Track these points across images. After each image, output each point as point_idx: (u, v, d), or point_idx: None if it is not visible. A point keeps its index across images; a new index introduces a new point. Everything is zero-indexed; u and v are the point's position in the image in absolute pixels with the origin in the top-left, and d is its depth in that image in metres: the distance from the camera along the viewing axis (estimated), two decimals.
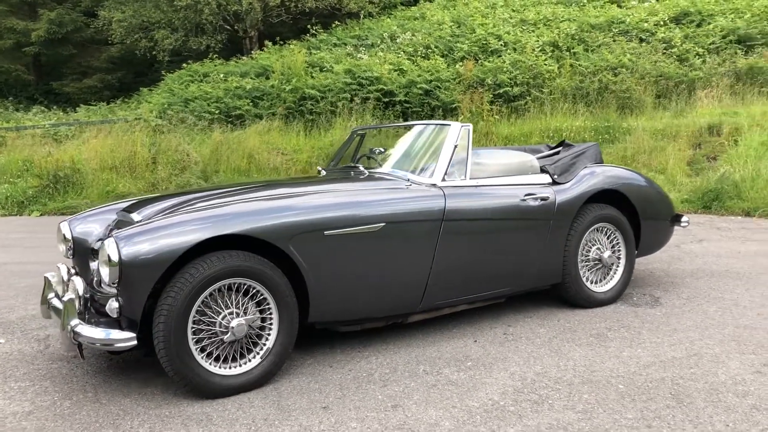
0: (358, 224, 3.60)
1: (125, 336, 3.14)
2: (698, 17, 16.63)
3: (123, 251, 3.09)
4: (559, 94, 13.98)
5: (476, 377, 3.46)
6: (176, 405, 3.24)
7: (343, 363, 3.74)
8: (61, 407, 3.26)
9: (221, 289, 3.29)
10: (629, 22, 16.56)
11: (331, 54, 16.72)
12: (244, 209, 3.42)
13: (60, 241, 4.15)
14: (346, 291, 3.64)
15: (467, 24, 17.41)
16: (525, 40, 15.82)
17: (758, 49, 14.64)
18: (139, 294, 3.14)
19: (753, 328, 4.07)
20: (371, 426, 2.94)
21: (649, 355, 3.67)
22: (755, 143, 10.02)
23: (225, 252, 3.29)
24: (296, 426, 2.97)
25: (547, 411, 3.02)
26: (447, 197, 3.91)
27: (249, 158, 11.50)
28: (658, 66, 14.33)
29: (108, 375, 3.68)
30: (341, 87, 14.53)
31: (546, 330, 4.18)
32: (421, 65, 15.21)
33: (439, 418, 2.99)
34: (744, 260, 5.95)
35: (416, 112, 14.20)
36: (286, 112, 14.33)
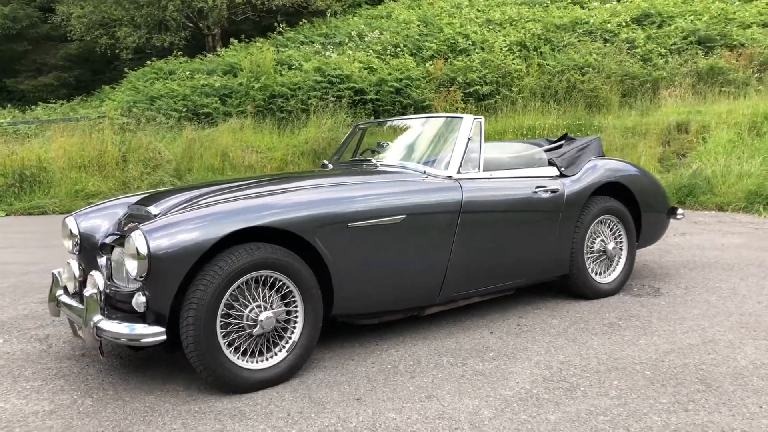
0: (380, 216, 3.58)
1: (154, 331, 3.06)
2: (659, 19, 17.04)
3: (152, 244, 3.01)
4: (528, 92, 14.17)
5: (502, 367, 3.48)
6: (204, 401, 3.18)
7: (364, 356, 3.72)
8: (84, 405, 3.17)
9: (248, 282, 3.24)
10: (593, 22, 16.88)
11: (299, 52, 16.62)
12: (271, 201, 3.38)
13: (65, 236, 4.03)
14: (369, 283, 3.63)
15: (434, 23, 17.50)
16: (492, 40, 15.99)
17: (717, 50, 15.08)
18: (168, 287, 3.07)
19: (757, 315, 4.18)
20: (410, 416, 2.93)
21: (666, 343, 3.74)
22: (723, 141, 10.30)
23: (252, 244, 3.23)
24: (334, 418, 2.94)
25: (581, 398, 3.06)
26: (463, 189, 3.92)
27: (222, 156, 11.34)
28: (623, 66, 14.65)
29: (124, 372, 3.59)
30: (311, 85, 14.46)
31: (558, 321, 4.23)
32: (390, 64, 15.24)
33: (476, 407, 2.99)
34: (729, 252, 6.12)
35: (388, 110, 14.22)
36: (256, 110, 14.19)
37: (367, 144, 4.89)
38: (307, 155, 11.70)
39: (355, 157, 4.95)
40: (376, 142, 4.71)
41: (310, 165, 11.50)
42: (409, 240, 3.72)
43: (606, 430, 2.72)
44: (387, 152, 4.48)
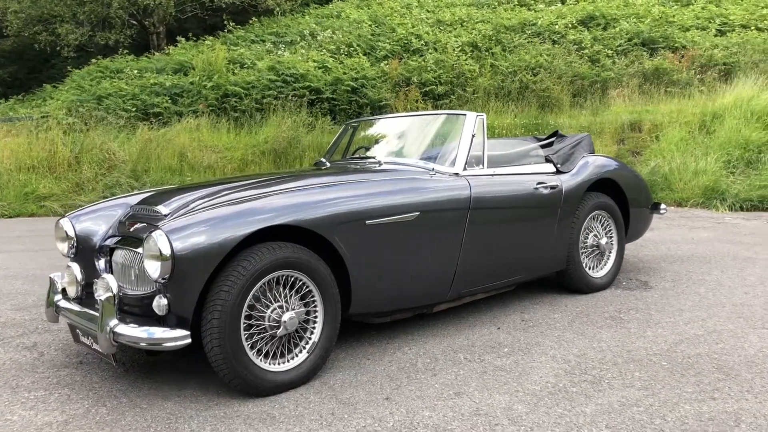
0: (395, 213, 3.55)
1: (177, 334, 2.95)
2: (603, 21, 17.52)
3: (175, 244, 2.90)
4: (483, 93, 14.34)
5: (521, 362, 3.49)
6: (227, 405, 3.08)
7: (378, 355, 3.68)
8: (99, 414, 3.03)
9: (270, 282, 3.16)
10: (540, 24, 17.22)
11: (250, 51, 16.39)
12: (291, 199, 3.30)
13: (60, 239, 3.86)
14: (385, 281, 3.59)
15: (386, 24, 17.53)
16: (445, 41, 16.12)
17: (661, 52, 15.59)
18: (192, 289, 2.96)
19: (749, 306, 4.33)
20: (445, 414, 2.91)
21: (672, 334, 3.83)
22: (675, 139, 10.66)
23: (274, 243, 3.16)
24: (368, 418, 2.89)
25: (609, 390, 3.10)
26: (471, 186, 3.93)
27: (180, 157, 11.06)
28: (572, 66, 14.98)
29: (132, 379, 3.45)
30: (266, 84, 14.27)
31: (560, 315, 4.28)
32: (345, 63, 15.17)
33: (509, 403, 2.99)
34: (702, 245, 6.33)
35: (344, 109, 14.15)
36: (208, 109, 13.91)
37: (359, 142, 4.84)
38: (267, 155, 11.53)
39: (346, 156, 4.90)
40: (374, 140, 4.67)
41: (271, 165, 11.35)
42: (422, 237, 3.70)
43: (644, 421, 2.76)
44: (388, 150, 4.44)
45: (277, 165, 11.40)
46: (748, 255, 5.87)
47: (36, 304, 5.06)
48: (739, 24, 17.43)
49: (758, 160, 9.51)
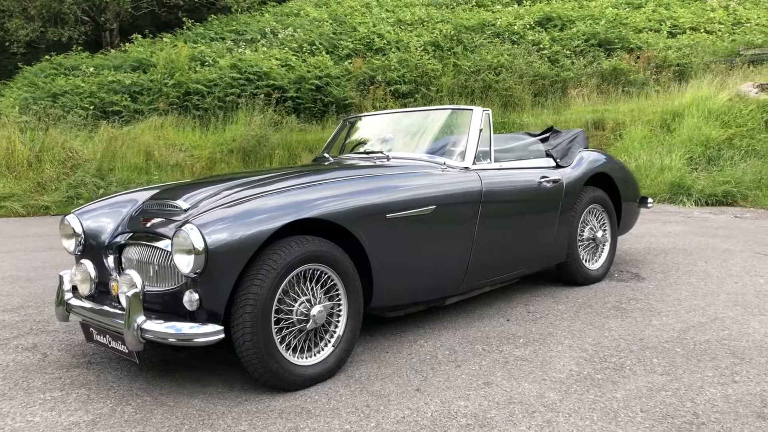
0: (414, 207, 3.57)
1: (210, 330, 2.90)
2: (560, 22, 17.89)
3: (208, 238, 2.86)
4: (447, 92, 14.47)
5: (539, 352, 3.56)
6: (257, 401, 3.05)
7: (396, 348, 3.69)
8: (126, 413, 2.96)
9: (297, 275, 3.14)
10: (499, 25, 17.46)
11: (210, 48, 16.16)
12: (317, 193, 3.29)
13: (66, 236, 3.75)
14: (404, 274, 3.61)
15: (347, 22, 17.52)
16: (407, 40, 16.20)
17: (618, 53, 15.99)
18: (225, 283, 2.93)
19: (742, 294, 4.50)
20: (481, 403, 2.94)
21: (677, 322, 3.95)
22: (638, 137, 10.97)
23: (302, 237, 3.14)
24: (405, 410, 2.90)
25: (632, 376, 3.18)
26: (482, 180, 3.98)
27: (146, 155, 10.83)
28: (532, 66, 15.24)
29: (149, 377, 3.38)
30: (228, 82, 14.12)
31: (564, 307, 4.37)
32: (308, 61, 15.11)
33: (540, 391, 3.05)
34: (680, 238, 6.53)
35: (309, 108, 14.09)
36: (169, 107, 13.68)
37: (360, 138, 4.84)
38: (236, 153, 11.39)
39: (343, 151, 4.89)
40: (377, 135, 4.67)
41: (240, 164, 11.21)
42: (438, 230, 3.73)
43: (675, 404, 2.85)
44: (393, 145, 4.44)
45: (246, 164, 11.27)
46: (725, 247, 6.09)
47: (22, 305, 4.90)
48: (689, 27, 18.05)
49: (719, 157, 9.85)
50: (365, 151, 4.43)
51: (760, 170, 9.06)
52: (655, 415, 2.76)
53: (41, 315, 4.64)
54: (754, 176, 9.00)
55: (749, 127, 10.34)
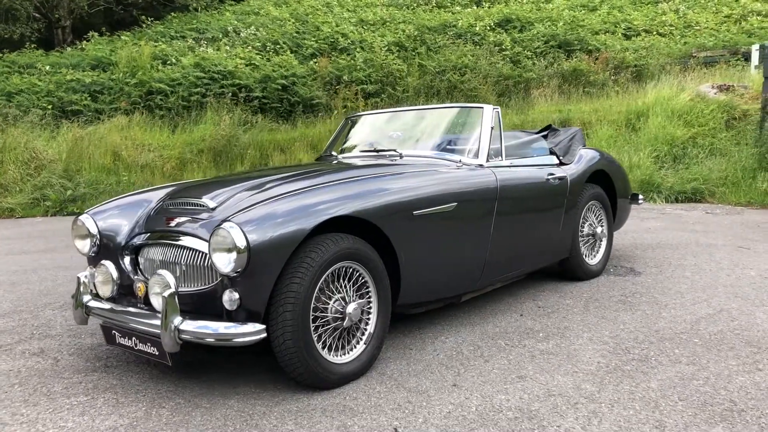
0: (437, 204, 3.59)
1: (252, 329, 2.86)
2: (519, 24, 18.18)
3: (250, 236, 2.82)
4: (413, 92, 14.55)
5: (562, 345, 3.62)
6: (295, 400, 3.02)
7: (418, 345, 3.71)
8: (163, 416, 2.90)
9: (332, 273, 3.13)
10: (461, 26, 17.66)
11: (171, 47, 15.87)
12: (348, 191, 3.28)
13: (79, 237, 3.65)
14: (429, 271, 3.63)
15: (310, 21, 17.44)
16: (371, 40, 16.22)
17: (577, 54, 16.34)
18: (266, 282, 2.90)
19: (738, 287, 4.66)
20: (521, 396, 2.98)
21: (686, 314, 4.07)
22: (605, 136, 11.23)
23: (336, 235, 3.13)
24: (448, 405, 2.92)
25: (660, 366, 3.27)
26: (497, 176, 4.02)
27: (114, 155, 10.58)
28: (496, 67, 15.45)
29: (174, 380, 3.31)
30: (192, 81, 13.89)
31: (572, 301, 4.45)
32: (273, 61, 14.99)
33: (576, 383, 3.10)
34: (661, 234, 6.72)
35: (275, 107, 13.98)
36: (132, 107, 13.39)
37: (366, 136, 4.83)
38: (206, 153, 11.22)
39: (343, 151, 4.86)
40: (383, 134, 4.67)
41: (211, 164, 11.05)
42: (458, 227, 3.76)
43: (710, 393, 2.94)
44: (402, 143, 4.45)
45: (217, 164, 11.12)
46: (707, 242, 6.29)
47: (15, 310, 4.75)
48: (643, 29, 18.58)
49: (684, 155, 10.16)
50: (375, 150, 4.42)
51: (725, 168, 9.38)
52: (694, 403, 2.84)
53: (38, 319, 4.50)
54: (720, 174, 9.32)
55: (711, 127, 10.70)
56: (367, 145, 4.61)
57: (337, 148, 4.90)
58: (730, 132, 10.61)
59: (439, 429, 2.70)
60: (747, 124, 10.55)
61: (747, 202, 8.67)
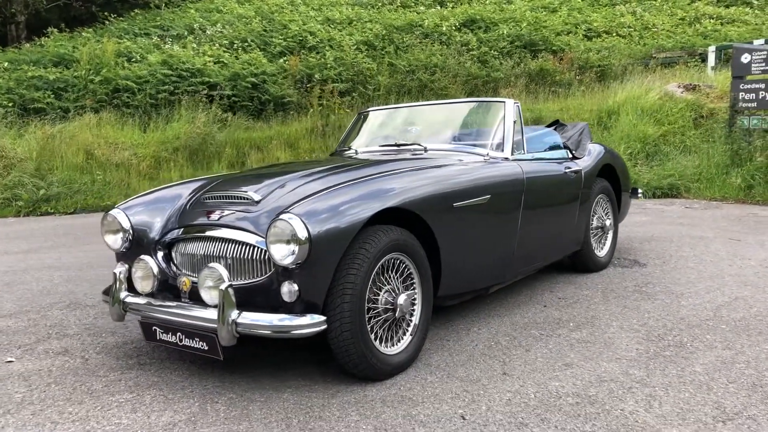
0: (474, 196, 3.62)
1: (312, 321, 2.84)
2: (484, 24, 18.38)
3: (311, 227, 2.81)
4: (384, 90, 14.58)
5: (596, 334, 3.69)
6: (350, 392, 3.01)
7: (454, 337, 3.74)
8: (221, 411, 2.85)
9: (382, 265, 3.13)
10: (427, 25, 17.75)
11: (136, 44, 15.54)
12: (396, 183, 3.28)
13: (111, 232, 3.55)
14: (467, 263, 3.66)
15: (276, 20, 17.30)
16: (339, 39, 16.19)
17: (542, 54, 16.62)
18: (325, 273, 2.89)
19: (743, 276, 4.83)
20: (575, 383, 3.03)
21: (705, 302, 4.20)
22: None
23: (386, 227, 3.14)
24: (506, 393, 2.95)
25: (698, 351, 3.37)
26: (523, 170, 4.08)
27: (86, 154, 10.31)
28: (464, 66, 15.59)
29: (219, 374, 3.26)
30: (160, 79, 13.63)
31: (589, 292, 4.55)
32: (241, 58, 14.82)
33: (623, 369, 3.17)
34: (650, 228, 6.90)
35: (246, 105, 13.82)
36: (98, 104, 13.06)
37: (379, 131, 4.84)
38: (182, 152, 11.02)
39: (352, 147, 4.81)
40: (402, 128, 4.68)
41: (186, 162, 10.87)
42: (491, 219, 3.81)
43: (755, 375, 3.05)
44: (424, 137, 4.47)
45: (193, 162, 10.95)
46: (698, 234, 6.49)
47: (20, 311, 4.60)
48: (603, 30, 19.02)
49: (657, 152, 10.44)
50: (396, 144, 4.42)
51: (699, 164, 9.68)
52: (744, 384, 2.94)
53: (48, 319, 4.37)
54: (694, 170, 9.61)
55: (680, 125, 11.02)
56: (386, 140, 4.61)
57: (350, 143, 4.87)
58: (698, 130, 10.95)
59: (505, 415, 2.73)
60: (714, 122, 10.90)
61: (722, 197, 8.96)
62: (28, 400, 3.06)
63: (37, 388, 3.21)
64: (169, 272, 3.33)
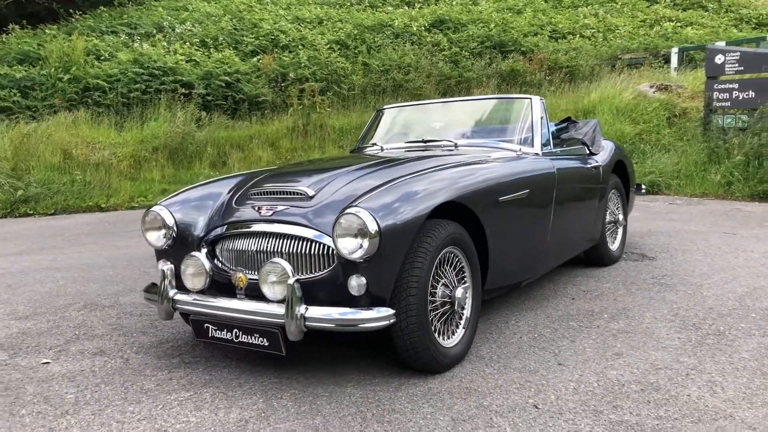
0: (515, 191, 3.67)
1: (381, 314, 2.84)
2: (453, 24, 18.53)
3: (381, 221, 2.81)
4: (359, 90, 14.58)
5: (633, 324, 3.78)
6: (413, 385, 3.01)
7: (496, 330, 3.78)
8: (288, 406, 2.83)
9: (440, 258, 3.16)
10: (397, 25, 17.82)
11: (104, 42, 15.20)
12: (447, 178, 3.30)
13: (153, 228, 3.49)
14: (509, 257, 3.70)
15: (246, 18, 17.14)
16: (312, 38, 16.13)
17: (512, 55, 16.85)
18: (393, 266, 2.89)
19: (753, 267, 5.00)
20: (632, 371, 3.10)
21: (727, 292, 4.33)
22: None
23: (443, 221, 3.16)
24: (569, 382, 3.00)
25: (738, 339, 3.47)
26: (554, 165, 4.15)
27: (64, 154, 10.04)
28: (437, 66, 15.71)
29: (271, 371, 3.24)
30: (132, 77, 13.37)
31: (611, 285, 4.64)
32: (213, 57, 14.64)
33: (673, 356, 3.25)
34: (645, 223, 7.08)
35: (219, 104, 13.65)
36: (67, 103, 12.75)
37: (401, 128, 4.85)
38: (162, 151, 10.83)
39: (421, 139, 4.69)
40: (426, 125, 4.70)
41: (167, 162, 10.68)
42: (529, 213, 3.86)
43: None
44: (451, 133, 4.50)
45: (174, 162, 10.76)
46: (693, 229, 6.68)
47: (35, 312, 4.49)
48: (567, 32, 19.38)
49: (634, 150, 10.68)
50: (423, 140, 4.43)
51: (678, 162, 9.95)
52: None
53: (68, 320, 4.27)
54: (674, 167, 9.87)
55: (655, 123, 11.32)
56: (410, 137, 4.62)
57: (370, 140, 4.86)
58: (672, 128, 11.25)
59: (577, 404, 2.78)
60: (687, 121, 11.22)
61: (702, 193, 9.23)
62: (83, 401, 2.99)
63: (86, 388, 3.14)
64: (219, 269, 3.28)
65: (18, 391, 3.13)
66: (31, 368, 3.44)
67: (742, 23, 21.54)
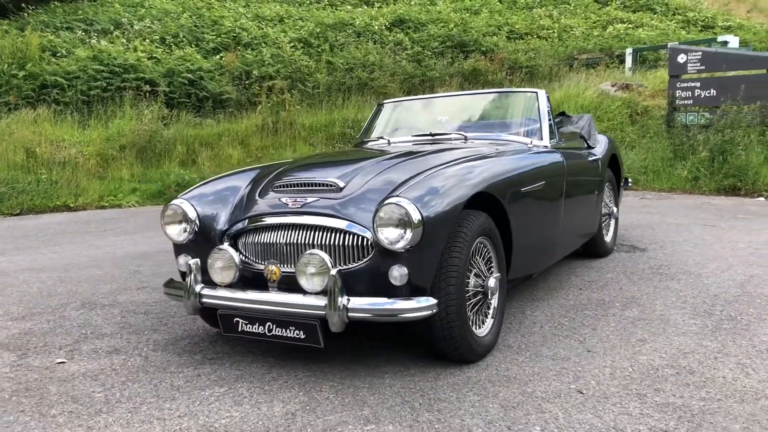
0: (534, 182, 3.71)
1: (422, 304, 2.83)
2: (413, 24, 18.62)
3: (423, 211, 2.81)
4: (324, 88, 14.51)
5: (647, 312, 3.87)
6: (450, 374, 3.02)
7: (514, 320, 3.81)
8: (331, 399, 2.80)
9: (473, 248, 3.17)
10: (358, 24, 17.81)
11: (59, 38, 14.75)
12: (475, 169, 3.32)
13: (174, 222, 3.40)
14: (529, 248, 3.73)
15: (206, 15, 16.87)
16: (274, 36, 15.98)
17: (473, 55, 17.03)
18: (434, 255, 2.89)
19: (743, 256, 5.16)
20: (661, 356, 3.17)
21: (727, 281, 4.46)
22: None
23: (474, 211, 3.17)
24: (604, 368, 3.04)
25: (754, 324, 3.58)
26: (563, 157, 4.21)
27: (27, 152, 9.71)
28: (401, 65, 15.76)
29: (300, 364, 3.20)
30: (92, 75, 13.02)
31: (612, 275, 4.74)
32: (175, 54, 14.36)
33: (696, 341, 3.33)
34: (626, 216, 7.23)
35: (183, 102, 13.40)
36: (23, 101, 12.33)
37: (405, 122, 4.85)
38: (129, 149, 10.56)
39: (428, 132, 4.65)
40: (432, 119, 4.70)
41: (136, 160, 10.42)
42: (544, 204, 3.91)
43: None
44: (459, 126, 4.52)
45: (143, 160, 10.51)
46: (674, 222, 6.87)
47: (32, 312, 4.34)
48: (524, 32, 19.70)
49: None
50: (431, 134, 4.43)
51: (645, 158, 10.21)
52: None
53: (69, 320, 4.14)
54: (641, 163, 10.13)
55: (618, 121, 11.59)
56: (415, 130, 4.61)
57: (373, 134, 4.84)
58: (635, 126, 11.54)
59: (619, 388, 2.82)
60: (649, 119, 11.53)
61: (670, 188, 9.51)
62: (114, 399, 2.91)
63: (113, 386, 3.05)
64: (243, 263, 3.22)
65: (41, 392, 3.01)
66: (47, 368, 3.32)
67: (689, 26, 22.22)
